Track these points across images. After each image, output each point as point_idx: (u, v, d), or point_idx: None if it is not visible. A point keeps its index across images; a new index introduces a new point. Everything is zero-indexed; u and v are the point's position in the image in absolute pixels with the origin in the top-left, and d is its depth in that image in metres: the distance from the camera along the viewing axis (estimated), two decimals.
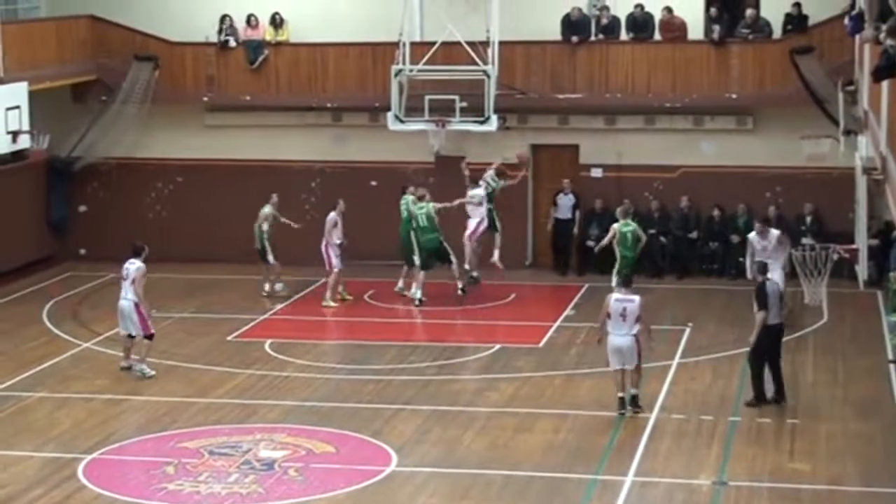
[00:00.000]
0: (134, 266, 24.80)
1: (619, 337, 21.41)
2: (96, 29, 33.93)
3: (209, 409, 22.61)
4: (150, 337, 24.62)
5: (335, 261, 29.95)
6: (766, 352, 22.14)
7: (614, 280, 26.67)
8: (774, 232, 26.05)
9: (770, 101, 31.85)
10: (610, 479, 19.35)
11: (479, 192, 30.24)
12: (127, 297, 24.58)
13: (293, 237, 32.39)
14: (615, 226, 28.45)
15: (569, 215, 32.74)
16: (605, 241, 28.80)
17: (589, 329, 27.60)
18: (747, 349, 22.98)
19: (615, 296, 21.80)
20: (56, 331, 28.13)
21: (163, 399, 22.92)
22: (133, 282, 24.60)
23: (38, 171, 33.90)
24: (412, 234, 30.07)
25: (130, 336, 24.58)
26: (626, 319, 21.33)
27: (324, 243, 30.02)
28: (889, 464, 19.04)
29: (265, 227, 30.83)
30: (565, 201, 32.72)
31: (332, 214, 30.25)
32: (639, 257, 31.39)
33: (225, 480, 19.34)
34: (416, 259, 30.03)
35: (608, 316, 21.54)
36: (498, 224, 30.99)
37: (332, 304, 30.05)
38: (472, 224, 30.30)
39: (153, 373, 24.31)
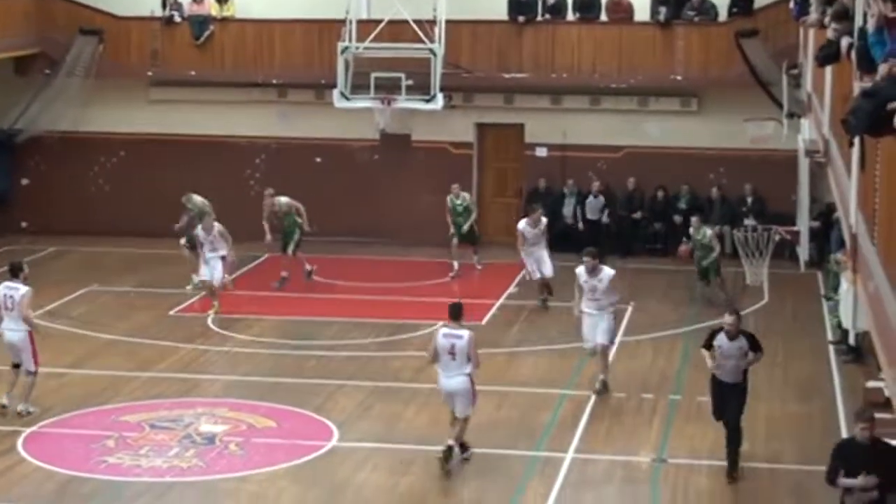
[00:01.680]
0: (18, 292, 20.80)
1: (448, 378, 18.26)
2: (40, 2, 33.78)
3: (150, 383, 22.61)
4: (35, 373, 20.96)
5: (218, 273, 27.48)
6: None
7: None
8: (609, 271, 22.57)
9: (714, 83, 32.07)
10: (551, 455, 19.49)
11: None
12: (16, 329, 20.81)
13: (237, 213, 32.47)
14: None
15: (598, 216, 32.24)
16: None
17: (531, 308, 27.82)
18: (688, 328, 23.20)
19: (443, 330, 18.42)
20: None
21: (104, 373, 22.90)
22: (19, 309, 20.78)
23: None
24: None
25: (16, 365, 21.03)
26: (455, 358, 18.07)
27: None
28: (826, 443, 19.16)
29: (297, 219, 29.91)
30: (594, 204, 32.24)
31: (198, 229, 27.97)
32: (583, 236, 31.72)
33: (166, 454, 19.37)
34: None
35: (435, 355, 18.40)
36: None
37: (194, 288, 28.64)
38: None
39: (37, 410, 20.88)
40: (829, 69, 18.94)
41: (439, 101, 31.65)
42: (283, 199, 30.00)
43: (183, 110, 34.02)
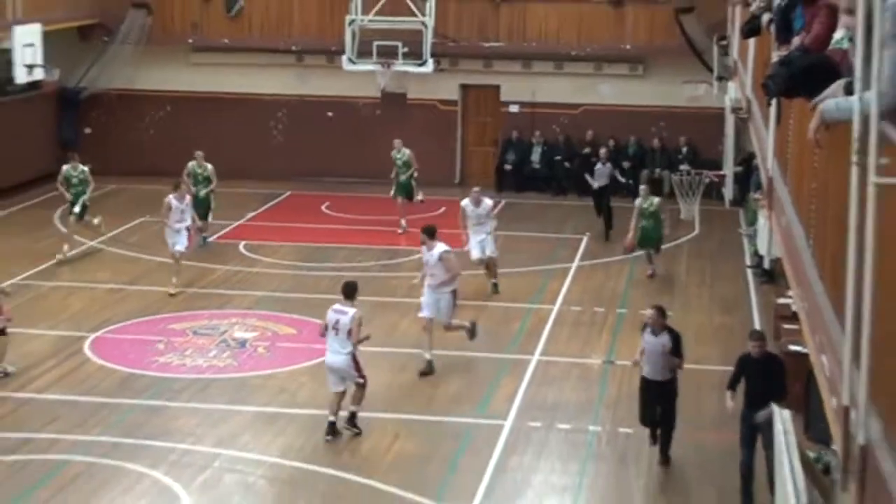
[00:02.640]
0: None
1: (332, 354, 15.98)
2: None
3: (193, 297, 22.65)
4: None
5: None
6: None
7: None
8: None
9: (658, 51, 31.96)
10: (520, 357, 19.59)
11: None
12: None
13: (263, 157, 32.47)
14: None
15: (606, 182, 27.95)
16: None
17: (503, 237, 27.76)
18: (633, 255, 23.27)
19: (334, 306, 16.29)
20: (65, 231, 28.00)
21: (154, 289, 22.91)
22: None
23: (50, 99, 33.62)
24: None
25: None
26: (338, 333, 15.84)
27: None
28: (743, 349, 19.33)
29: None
30: (603, 171, 28.08)
31: (169, 197, 23.41)
32: (548, 177, 31.77)
33: (206, 355, 19.49)
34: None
35: (324, 328, 16.26)
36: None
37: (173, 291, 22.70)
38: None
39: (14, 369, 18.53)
40: (751, 41, 18.89)
41: (430, 66, 31.83)
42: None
43: (218, 72, 33.79)
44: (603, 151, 28.98)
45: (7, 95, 31.47)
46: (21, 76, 28.75)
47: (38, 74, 29.39)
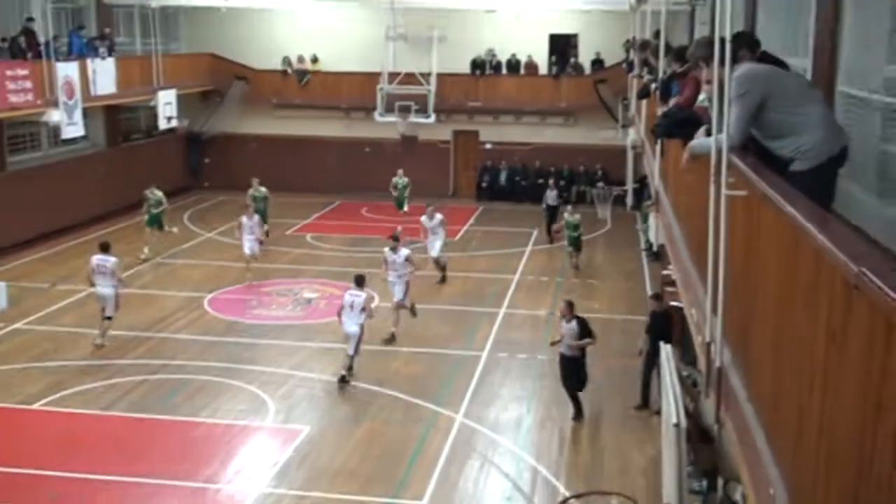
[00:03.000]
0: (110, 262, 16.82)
1: (349, 325, 15.28)
2: (214, 60, 33.37)
3: (277, 271, 22.62)
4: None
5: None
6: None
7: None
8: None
9: (582, 108, 31.83)
10: (492, 310, 19.62)
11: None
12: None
13: (319, 178, 32.41)
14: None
15: (556, 203, 26.52)
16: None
17: (483, 231, 27.70)
18: (570, 248, 23.22)
19: (349, 291, 15.58)
20: (192, 227, 28.00)
21: (252, 265, 22.89)
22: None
23: (182, 140, 33.44)
24: None
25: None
26: (353, 310, 15.20)
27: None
28: (640, 304, 19.34)
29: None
30: (551, 195, 26.72)
31: (242, 217, 21.72)
32: (511, 191, 31.73)
33: (284, 309, 19.50)
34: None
35: (342, 308, 15.49)
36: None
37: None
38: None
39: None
40: (644, 101, 18.91)
41: (432, 118, 31.74)
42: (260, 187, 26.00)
43: (292, 122, 33.65)
44: (551, 181, 28.56)
45: (153, 137, 31.49)
46: (162, 124, 28.85)
47: (174, 123, 29.46)
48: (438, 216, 21.71)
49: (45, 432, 13.36)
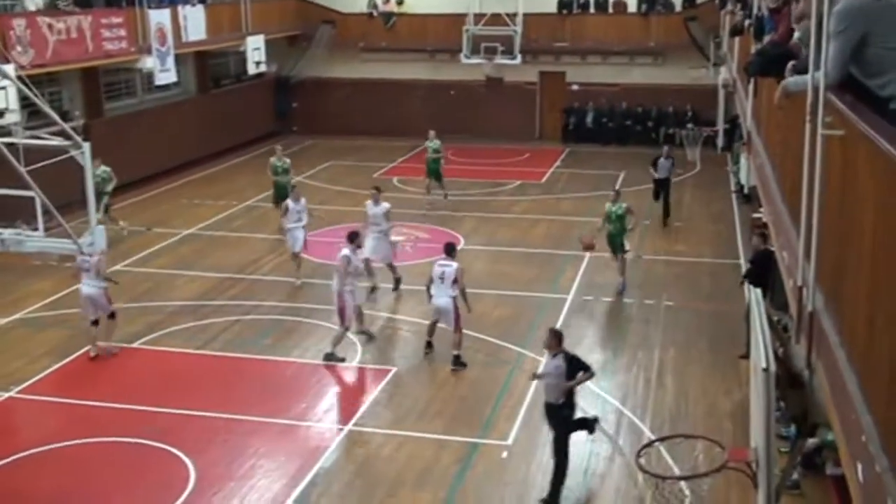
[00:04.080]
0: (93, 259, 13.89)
1: (438, 298, 13.66)
2: (301, 4, 33.57)
3: (363, 214, 22.68)
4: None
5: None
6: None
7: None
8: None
9: (671, 47, 31.08)
10: (579, 253, 19.38)
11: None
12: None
13: (405, 119, 32.40)
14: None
15: (667, 175, 21.88)
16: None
17: (566, 179, 27.45)
18: (654, 183, 22.79)
19: (438, 261, 13.96)
20: None
21: (336, 207, 23.05)
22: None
23: (270, 84, 33.73)
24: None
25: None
26: (443, 282, 13.62)
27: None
28: (730, 248, 19.00)
29: None
30: (664, 164, 21.86)
31: (287, 201, 18.39)
32: (597, 133, 31.34)
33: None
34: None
35: (431, 280, 13.80)
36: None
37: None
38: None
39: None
40: (736, 39, 18.41)
41: (518, 59, 31.51)
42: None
43: (378, 65, 33.65)
44: (665, 148, 22.54)
45: (242, 82, 31.93)
46: (251, 69, 29.22)
47: (262, 68, 29.80)
48: (385, 204, 17.44)
49: (143, 370, 13.84)
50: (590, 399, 12.79)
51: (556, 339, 10.38)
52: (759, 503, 5.59)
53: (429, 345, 14.29)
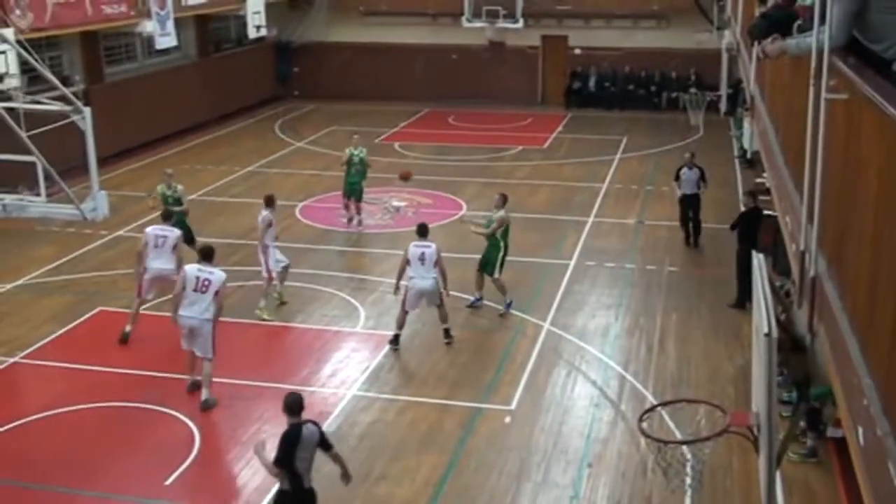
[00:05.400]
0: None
1: (422, 280, 13.15)
2: None
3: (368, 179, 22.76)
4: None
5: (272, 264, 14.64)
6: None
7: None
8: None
9: (675, 11, 30.85)
10: (580, 219, 19.50)
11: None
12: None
13: (407, 82, 32.17)
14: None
15: (695, 190, 17.60)
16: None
17: (571, 141, 27.42)
18: (666, 147, 22.70)
19: (414, 243, 13.39)
20: (282, 136, 28.29)
21: (340, 174, 23.04)
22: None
23: (270, 49, 33.56)
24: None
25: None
26: (424, 263, 13.10)
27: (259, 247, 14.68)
28: (733, 214, 18.99)
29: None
30: (689, 175, 17.64)
31: (265, 213, 14.63)
32: (600, 97, 31.15)
33: (373, 217, 19.65)
34: None
35: (408, 262, 13.23)
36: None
37: (266, 316, 14.41)
38: None
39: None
40: (740, 1, 18.29)
41: (521, 23, 31.35)
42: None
43: (380, 29, 33.44)
44: (687, 155, 18.42)
45: (242, 46, 31.73)
46: (251, 33, 29.03)
47: (263, 32, 29.61)
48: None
49: (147, 335, 13.88)
50: (593, 364, 12.86)
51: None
52: (761, 468, 5.64)
53: (396, 339, 13.31)
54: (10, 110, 11.95)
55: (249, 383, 12.29)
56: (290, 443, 8.06)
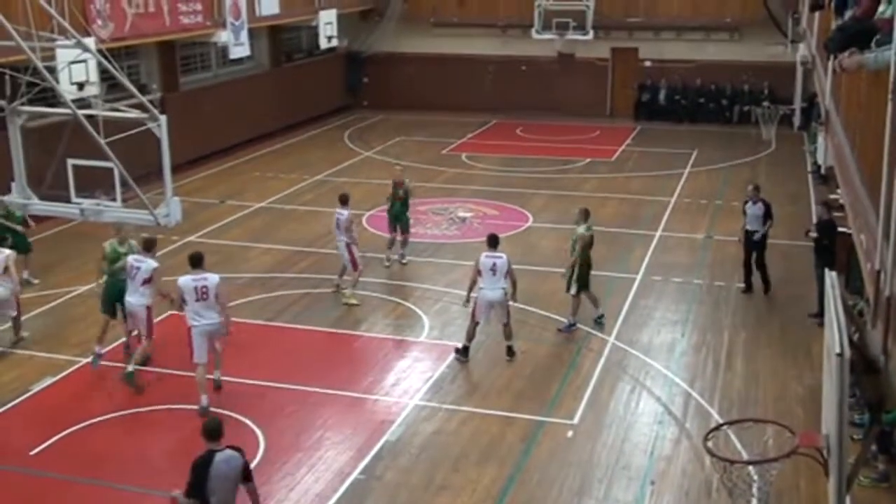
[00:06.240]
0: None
1: (491, 291, 12.98)
2: None
3: (431, 190, 22.75)
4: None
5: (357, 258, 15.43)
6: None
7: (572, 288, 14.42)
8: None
9: (748, 23, 30.44)
10: (647, 233, 19.30)
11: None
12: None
13: (477, 93, 32.23)
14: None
15: (757, 227, 15.63)
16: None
17: (638, 155, 27.18)
18: (737, 162, 22.38)
19: (485, 253, 13.13)
20: (351, 145, 28.54)
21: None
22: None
23: (342, 59, 33.89)
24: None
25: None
26: (495, 274, 12.95)
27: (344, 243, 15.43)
28: (805, 219, 18.65)
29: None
30: (754, 210, 15.69)
31: (347, 212, 15.59)
32: (670, 110, 30.83)
33: (439, 227, 19.70)
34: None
35: (479, 273, 13.06)
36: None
37: (354, 301, 15.32)
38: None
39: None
40: (816, 14, 17.95)
41: (591, 35, 31.19)
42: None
43: (450, 40, 33.58)
44: (750, 188, 16.07)
45: (314, 56, 32.11)
46: (323, 44, 29.43)
47: (334, 42, 29.99)
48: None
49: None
50: (658, 381, 12.69)
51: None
52: (831, 491, 5.49)
53: (465, 350, 13.19)
54: (89, 117, 12.22)
55: (314, 390, 12.39)
56: (199, 470, 7.34)
